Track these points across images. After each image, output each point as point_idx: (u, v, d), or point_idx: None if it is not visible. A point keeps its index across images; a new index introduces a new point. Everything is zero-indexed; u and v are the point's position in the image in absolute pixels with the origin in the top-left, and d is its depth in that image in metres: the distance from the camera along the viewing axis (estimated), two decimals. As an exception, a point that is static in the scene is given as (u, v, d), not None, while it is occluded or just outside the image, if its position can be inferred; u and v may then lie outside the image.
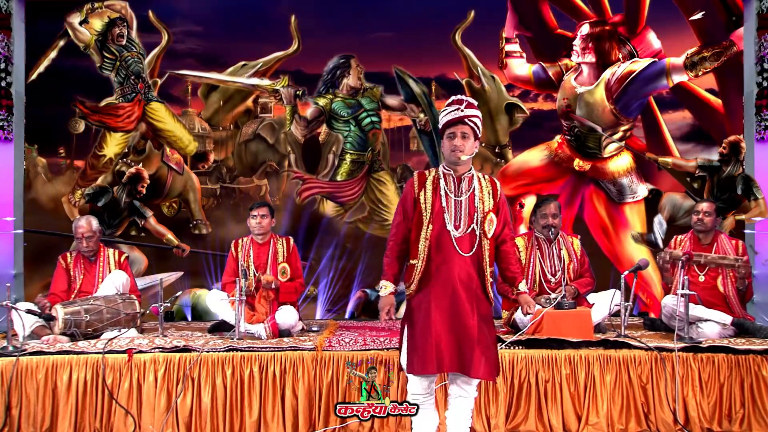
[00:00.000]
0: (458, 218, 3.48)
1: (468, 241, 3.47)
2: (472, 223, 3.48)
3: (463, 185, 3.53)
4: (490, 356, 3.44)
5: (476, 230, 3.48)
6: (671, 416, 4.43)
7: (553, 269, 5.14)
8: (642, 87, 6.60)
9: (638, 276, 5.19)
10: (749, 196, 6.35)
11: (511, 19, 6.72)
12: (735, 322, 4.94)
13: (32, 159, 6.64)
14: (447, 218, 3.46)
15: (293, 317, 5.13)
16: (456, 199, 3.50)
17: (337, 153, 6.78)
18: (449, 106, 3.51)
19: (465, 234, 3.47)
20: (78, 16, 6.67)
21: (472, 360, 3.38)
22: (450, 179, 3.53)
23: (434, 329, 3.38)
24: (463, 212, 3.49)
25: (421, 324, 3.42)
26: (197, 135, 6.80)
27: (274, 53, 6.76)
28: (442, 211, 3.47)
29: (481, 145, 6.73)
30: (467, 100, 3.49)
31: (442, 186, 3.51)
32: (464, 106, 3.46)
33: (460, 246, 3.45)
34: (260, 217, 5.27)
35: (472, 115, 3.47)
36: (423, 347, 3.39)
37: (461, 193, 3.52)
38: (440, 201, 3.48)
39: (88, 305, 4.90)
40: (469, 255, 3.45)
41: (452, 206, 3.49)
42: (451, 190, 3.52)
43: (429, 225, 3.47)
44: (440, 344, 3.38)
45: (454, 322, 3.41)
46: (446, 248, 3.45)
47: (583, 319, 4.74)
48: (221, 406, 4.45)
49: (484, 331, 3.44)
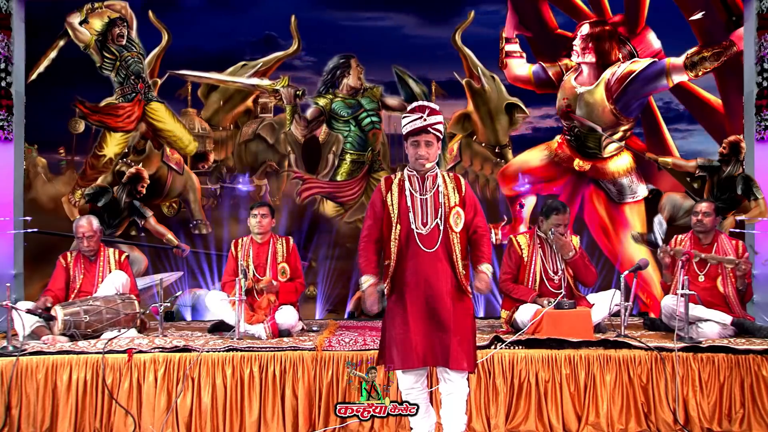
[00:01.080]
0: (424, 215, 3.55)
1: (434, 237, 3.52)
2: (437, 218, 3.54)
3: (427, 183, 3.60)
4: (467, 348, 3.50)
5: (440, 225, 3.53)
6: (671, 416, 4.43)
7: (554, 267, 5.14)
8: (642, 87, 6.60)
9: (638, 276, 5.18)
10: (749, 196, 6.35)
11: (511, 19, 6.72)
12: (735, 322, 4.94)
13: (32, 159, 6.64)
14: (412, 217, 3.53)
15: (293, 317, 5.13)
16: (421, 198, 3.57)
17: (337, 153, 6.79)
18: (411, 113, 3.54)
19: (431, 230, 3.53)
20: (78, 16, 6.67)
21: (449, 352, 3.44)
22: (414, 179, 3.61)
23: (411, 325, 3.46)
24: (429, 209, 3.56)
25: (399, 320, 3.50)
26: (197, 135, 6.80)
27: (274, 53, 6.76)
28: (407, 210, 3.55)
29: (481, 145, 6.77)
30: (430, 107, 3.53)
31: (407, 186, 3.59)
32: (427, 114, 3.50)
33: (425, 243, 3.51)
34: (260, 216, 5.28)
35: (435, 123, 3.51)
36: (401, 342, 3.46)
37: (426, 191, 3.59)
38: (405, 201, 3.57)
39: (87, 306, 4.90)
40: (432, 250, 3.51)
41: (417, 205, 3.56)
42: (415, 189, 3.59)
43: (397, 225, 3.55)
44: (417, 338, 3.45)
45: (430, 317, 3.48)
46: (414, 246, 3.52)
47: (583, 319, 4.74)
48: (221, 406, 4.45)
49: (460, 324, 3.50)
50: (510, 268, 5.21)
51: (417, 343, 3.45)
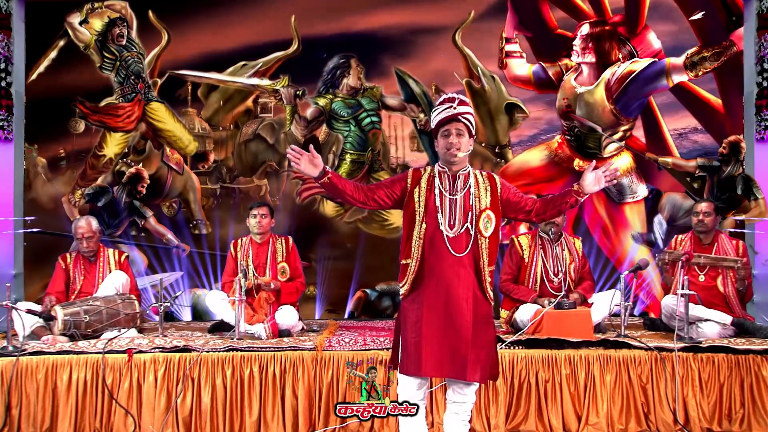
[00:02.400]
0: (452, 217, 3.39)
1: (463, 241, 3.37)
2: (466, 222, 3.39)
3: (458, 183, 3.44)
4: (485, 358, 3.37)
5: (470, 229, 3.38)
6: (671, 416, 4.43)
7: (555, 269, 5.14)
8: (642, 87, 6.60)
9: (638, 276, 5.18)
10: (749, 196, 6.35)
11: (511, 19, 6.72)
12: (735, 322, 4.94)
13: (32, 159, 6.64)
14: (440, 218, 3.37)
15: (293, 317, 5.13)
16: (451, 198, 3.41)
17: (337, 153, 6.78)
18: (441, 105, 3.43)
19: (459, 233, 3.38)
20: (78, 16, 6.67)
21: (466, 363, 3.30)
22: (445, 177, 3.45)
23: (425, 330, 3.31)
24: (458, 211, 3.40)
25: (413, 325, 3.35)
26: (197, 135, 6.80)
27: (274, 53, 6.76)
28: (436, 210, 3.39)
29: (481, 145, 6.76)
30: (459, 98, 3.42)
31: (436, 184, 3.42)
32: (456, 104, 3.39)
33: (454, 246, 3.36)
34: (260, 216, 5.28)
35: (465, 113, 3.39)
36: (415, 348, 3.31)
37: (456, 191, 3.43)
38: (434, 199, 3.40)
39: (87, 306, 4.90)
40: (462, 255, 3.36)
41: (446, 205, 3.40)
42: (445, 188, 3.43)
43: (422, 224, 3.39)
44: (432, 346, 3.30)
45: (447, 324, 3.33)
46: (440, 248, 3.36)
47: (583, 319, 4.74)
48: (221, 406, 4.45)
49: (479, 333, 3.36)
50: (511, 269, 5.22)
51: (431, 351, 3.29)
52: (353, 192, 3.43)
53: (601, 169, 3.49)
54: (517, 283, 5.18)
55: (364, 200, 3.45)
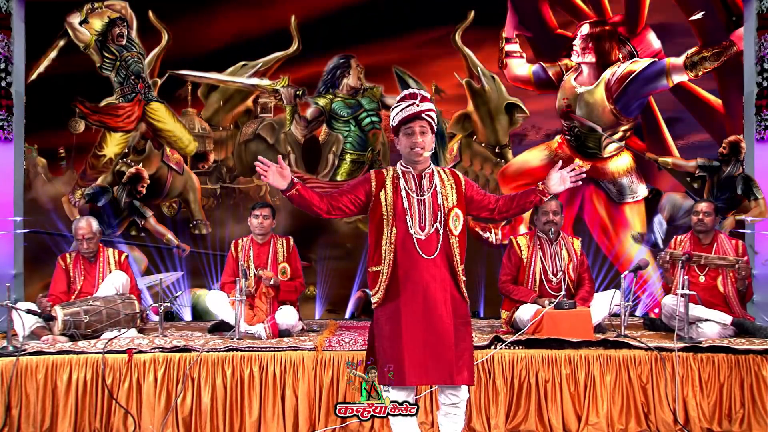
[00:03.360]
0: (422, 219, 3.28)
1: (433, 242, 3.28)
2: (435, 222, 3.29)
3: (424, 183, 3.33)
4: (468, 358, 3.30)
5: (440, 229, 3.29)
6: (671, 416, 4.43)
7: (554, 269, 5.13)
8: (642, 87, 6.60)
9: (638, 276, 5.18)
10: (749, 196, 6.35)
11: (511, 19, 6.72)
12: (735, 322, 4.94)
13: (32, 159, 6.64)
14: (409, 220, 3.27)
15: (293, 317, 5.13)
16: (418, 199, 3.30)
17: (337, 153, 6.79)
18: (402, 101, 3.30)
19: (430, 234, 3.28)
20: (78, 16, 6.67)
21: (451, 367, 3.21)
22: (410, 177, 3.34)
23: (406, 338, 3.20)
24: (427, 211, 3.30)
25: (393, 334, 3.23)
26: (197, 135, 6.80)
27: (274, 53, 6.76)
28: (405, 212, 3.27)
29: (481, 145, 6.76)
30: (421, 94, 3.30)
31: (402, 185, 3.31)
32: (419, 100, 3.27)
33: (424, 249, 3.26)
34: (262, 217, 5.28)
35: (428, 110, 3.28)
36: (396, 358, 3.20)
37: (423, 192, 3.32)
38: (401, 202, 3.28)
39: (87, 306, 4.90)
40: (434, 256, 3.26)
41: (415, 206, 3.29)
42: (412, 189, 3.32)
43: (392, 228, 3.27)
44: (415, 354, 3.19)
45: (428, 329, 3.22)
46: (411, 252, 3.26)
47: (583, 319, 4.74)
48: (221, 406, 4.45)
49: (461, 335, 3.28)
50: (510, 269, 5.21)
51: (414, 360, 3.19)
52: (319, 203, 3.30)
53: (566, 169, 3.47)
54: (516, 283, 5.18)
55: (328, 209, 3.32)
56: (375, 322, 3.36)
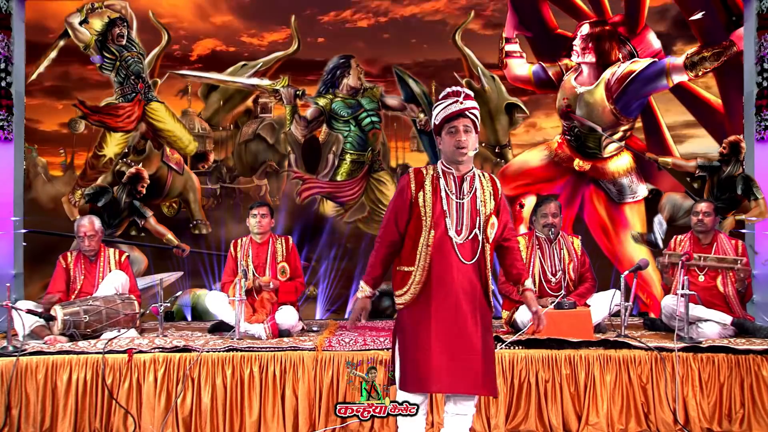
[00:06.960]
0: (460, 222, 3.20)
1: (470, 248, 3.21)
2: (474, 228, 3.21)
3: (465, 186, 3.25)
4: (493, 370, 3.26)
5: (479, 236, 3.21)
6: (671, 416, 4.43)
7: (553, 269, 5.13)
8: (642, 87, 6.60)
9: (638, 276, 5.18)
10: (749, 196, 6.35)
11: (511, 19, 6.72)
12: (735, 322, 4.94)
13: (32, 159, 6.64)
14: (449, 223, 3.18)
15: (293, 317, 5.13)
16: (458, 202, 3.22)
17: (337, 153, 6.78)
18: (446, 99, 3.21)
19: (467, 240, 3.20)
20: (78, 16, 6.67)
21: (480, 377, 3.15)
22: (450, 179, 3.24)
23: (435, 344, 3.12)
24: (466, 216, 3.21)
25: (421, 338, 3.15)
26: (197, 135, 6.80)
27: (274, 53, 6.76)
28: (444, 215, 3.18)
29: (481, 145, 6.76)
30: (464, 92, 3.20)
31: (442, 186, 3.21)
32: (463, 98, 3.18)
33: (462, 253, 3.18)
34: (260, 216, 5.28)
35: (472, 107, 3.19)
36: (423, 363, 3.13)
37: (463, 195, 3.23)
38: (441, 204, 3.19)
39: (87, 306, 4.90)
40: (471, 263, 3.20)
41: (453, 209, 3.20)
42: (452, 191, 3.22)
43: (430, 230, 3.18)
44: (443, 361, 3.12)
45: (457, 337, 3.15)
46: (448, 256, 3.17)
47: (583, 319, 4.74)
48: (221, 406, 4.45)
49: (487, 344, 3.23)
50: (510, 269, 5.20)
51: (442, 367, 3.10)
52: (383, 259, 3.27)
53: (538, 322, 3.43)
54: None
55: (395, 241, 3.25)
56: (401, 323, 3.29)
